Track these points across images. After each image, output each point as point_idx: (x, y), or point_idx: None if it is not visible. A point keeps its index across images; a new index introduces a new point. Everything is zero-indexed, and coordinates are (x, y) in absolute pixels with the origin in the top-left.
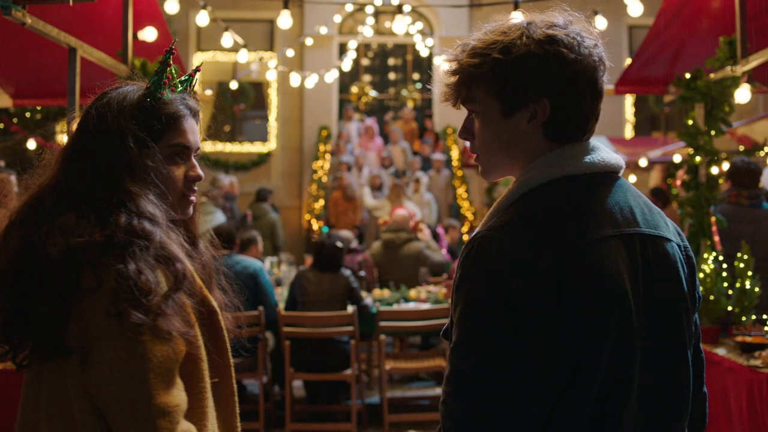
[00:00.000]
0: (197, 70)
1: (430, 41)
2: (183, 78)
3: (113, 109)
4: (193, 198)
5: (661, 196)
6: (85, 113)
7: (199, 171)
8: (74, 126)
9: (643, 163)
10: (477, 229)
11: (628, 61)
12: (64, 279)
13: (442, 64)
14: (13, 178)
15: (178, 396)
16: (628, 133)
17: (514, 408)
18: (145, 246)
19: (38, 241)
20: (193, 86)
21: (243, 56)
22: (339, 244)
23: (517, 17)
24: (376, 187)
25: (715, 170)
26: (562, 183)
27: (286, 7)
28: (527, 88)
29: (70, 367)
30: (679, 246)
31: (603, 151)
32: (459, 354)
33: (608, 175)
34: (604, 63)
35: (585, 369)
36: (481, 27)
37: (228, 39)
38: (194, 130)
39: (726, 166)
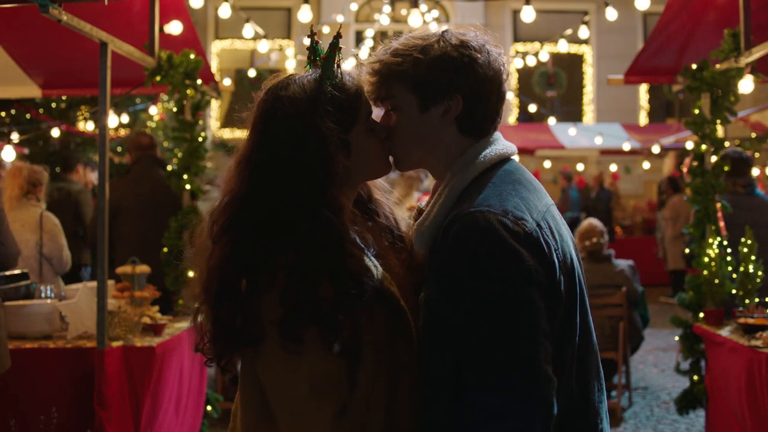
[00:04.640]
0: (338, 36)
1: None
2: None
3: (302, 111)
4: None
5: (674, 184)
6: (266, 119)
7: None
8: (250, 133)
9: (656, 149)
10: (440, 211)
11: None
12: (247, 281)
13: (366, 65)
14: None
15: (335, 396)
16: (643, 119)
17: (533, 359)
18: (315, 260)
19: (230, 254)
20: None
21: (264, 46)
22: None
23: (529, 13)
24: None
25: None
26: (499, 167)
27: (306, 1)
28: (442, 85)
29: (246, 350)
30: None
31: (504, 140)
32: (477, 327)
33: (513, 159)
34: (507, 72)
35: (571, 318)
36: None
37: (249, 30)
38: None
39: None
